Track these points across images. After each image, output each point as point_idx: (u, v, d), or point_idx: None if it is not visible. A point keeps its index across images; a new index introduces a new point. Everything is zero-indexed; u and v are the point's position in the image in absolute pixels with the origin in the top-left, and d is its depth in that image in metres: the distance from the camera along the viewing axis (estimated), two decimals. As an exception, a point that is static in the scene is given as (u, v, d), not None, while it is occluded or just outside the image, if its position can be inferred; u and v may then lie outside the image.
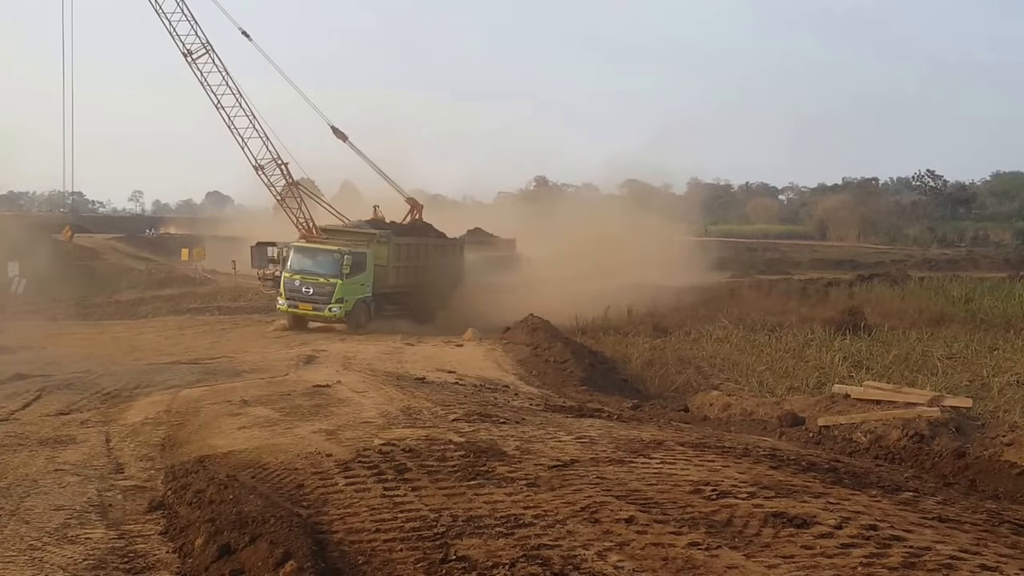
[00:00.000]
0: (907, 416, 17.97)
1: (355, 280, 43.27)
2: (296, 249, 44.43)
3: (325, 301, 42.74)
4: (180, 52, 49.40)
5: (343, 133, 52.08)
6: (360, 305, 43.60)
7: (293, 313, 43.24)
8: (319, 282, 42.82)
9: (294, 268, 43.49)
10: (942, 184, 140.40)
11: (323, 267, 43.17)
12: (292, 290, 43.13)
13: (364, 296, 43.93)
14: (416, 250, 48.55)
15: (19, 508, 11.43)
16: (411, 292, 47.18)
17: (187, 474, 12.65)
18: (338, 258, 42.93)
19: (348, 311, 42.91)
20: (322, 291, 42.83)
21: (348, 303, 42.93)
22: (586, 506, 10.02)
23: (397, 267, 46.32)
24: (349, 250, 43.29)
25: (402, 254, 46.97)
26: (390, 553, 8.88)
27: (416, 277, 47.82)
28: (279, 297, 43.60)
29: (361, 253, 43.96)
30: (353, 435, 14.35)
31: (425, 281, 48.14)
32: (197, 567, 9.16)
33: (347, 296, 42.89)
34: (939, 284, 51.08)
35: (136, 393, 21.69)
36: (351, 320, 42.90)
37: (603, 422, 16.44)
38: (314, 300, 42.82)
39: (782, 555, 8.44)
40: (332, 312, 42.73)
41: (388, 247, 45.61)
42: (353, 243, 44.55)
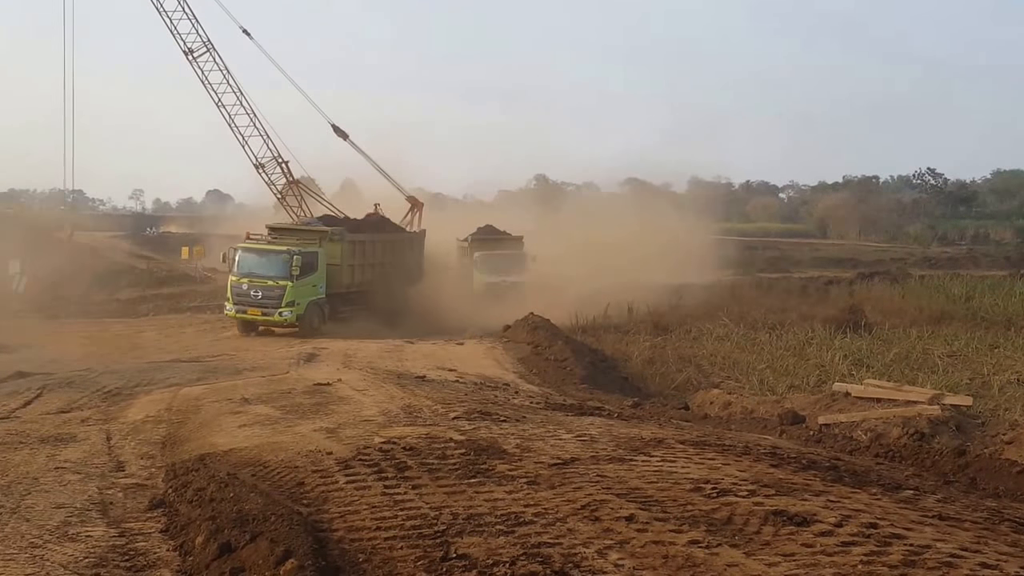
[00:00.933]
0: (907, 414, 17.99)
1: (306, 281, 40.90)
2: (243, 250, 41.82)
3: (275, 305, 40.24)
4: (181, 51, 49.52)
5: (343, 131, 52.19)
6: (313, 308, 41.25)
7: (242, 319, 40.77)
8: (268, 285, 40.31)
9: (241, 271, 40.96)
10: (943, 182, 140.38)
11: (271, 269, 40.71)
12: (240, 294, 40.62)
13: (317, 298, 41.61)
14: (373, 247, 46.26)
15: (20, 506, 11.44)
16: (369, 292, 45.27)
17: (188, 472, 12.67)
18: (287, 259, 40.47)
19: (300, 315, 40.53)
20: (271, 294, 40.32)
21: (300, 306, 40.52)
22: (586, 504, 10.02)
23: (352, 266, 44.37)
24: (299, 250, 40.99)
25: (357, 252, 44.79)
26: (391, 551, 8.88)
27: (373, 275, 45.91)
28: (226, 303, 41.21)
29: (312, 252, 41.71)
30: (353, 433, 14.36)
31: (384, 279, 46.37)
32: (198, 565, 9.17)
33: (298, 299, 40.48)
34: (940, 282, 51.07)
35: (137, 391, 21.71)
36: (304, 324, 40.55)
37: (603, 420, 16.46)
38: (263, 304, 40.30)
39: (782, 553, 8.45)
40: (283, 316, 40.28)
41: (341, 245, 43.47)
42: (304, 242, 42.35)
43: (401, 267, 47.59)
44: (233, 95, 50.05)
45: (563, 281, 50.41)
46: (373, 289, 45.37)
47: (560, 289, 46.58)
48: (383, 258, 46.66)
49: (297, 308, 40.26)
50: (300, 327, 40.37)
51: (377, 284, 45.79)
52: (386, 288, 45.99)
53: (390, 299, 45.69)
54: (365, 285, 45.12)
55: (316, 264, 41.52)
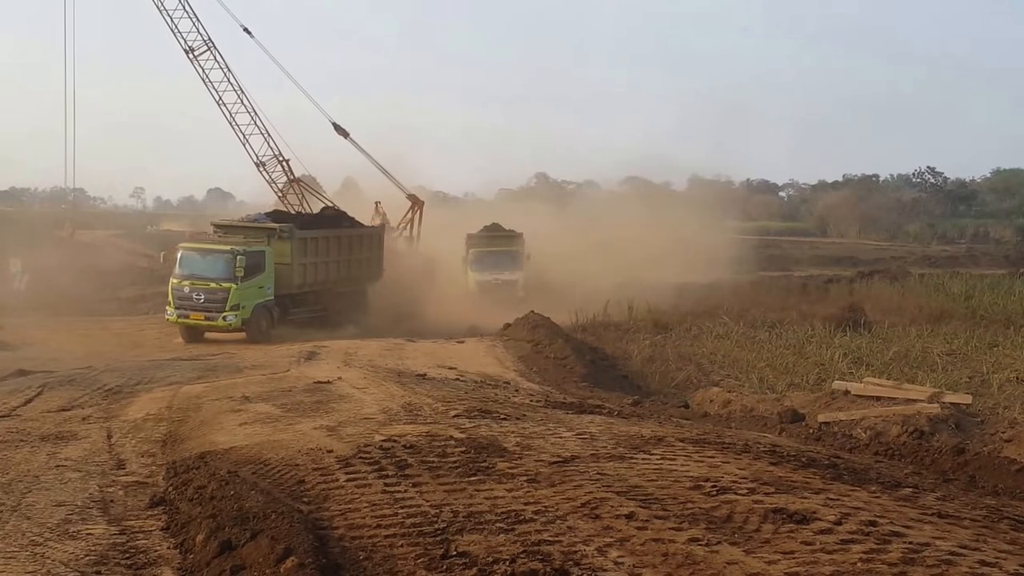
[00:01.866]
0: (907, 412, 18.01)
1: (252, 283, 38.33)
2: (184, 250, 39.65)
3: (219, 309, 37.75)
4: (182, 49, 49.57)
5: (344, 129, 52.25)
6: (260, 311, 38.58)
7: (184, 324, 38.34)
8: (210, 287, 37.77)
9: (182, 272, 38.55)
10: (942, 181, 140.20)
11: (214, 270, 38.18)
12: (181, 298, 38.04)
13: (265, 300, 38.89)
14: (327, 243, 43.47)
15: (21, 504, 11.47)
16: (324, 292, 42.97)
17: (188, 470, 12.68)
18: (230, 259, 37.83)
19: (246, 319, 38.01)
20: (214, 297, 37.80)
21: (245, 309, 37.95)
22: (586, 502, 10.04)
23: (304, 264, 41.69)
24: (243, 249, 38.33)
25: (309, 249, 42.04)
26: (391, 549, 8.91)
27: (328, 274, 43.39)
28: (167, 307, 38.53)
29: (258, 251, 39.07)
30: (354, 431, 14.38)
31: (340, 278, 43.98)
32: (198, 563, 9.19)
33: (244, 302, 37.87)
34: (939, 281, 51.04)
35: (137, 389, 21.75)
36: (250, 329, 38.14)
37: (603, 418, 16.47)
38: (206, 308, 37.78)
39: (782, 551, 8.47)
40: (227, 321, 37.80)
41: (291, 243, 40.75)
42: (250, 240, 39.79)
43: (359, 264, 45.37)
44: (234, 93, 50.17)
45: (564, 279, 50.42)
46: (328, 289, 43.21)
47: (559, 288, 46.42)
48: (339, 255, 44.07)
49: (242, 312, 37.91)
50: (247, 332, 38.20)
51: (333, 283, 43.57)
52: (343, 287, 43.97)
53: (348, 299, 43.81)
54: (319, 285, 42.77)
55: (263, 264, 39.08)
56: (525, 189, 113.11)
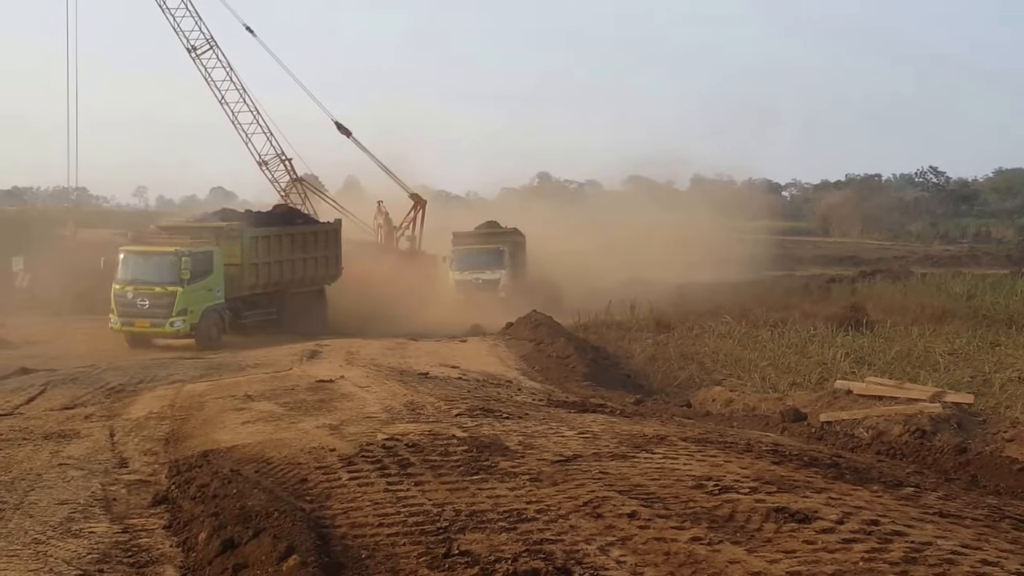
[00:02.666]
0: (909, 412, 18.00)
1: (200, 285, 36.54)
2: (125, 254, 37.44)
3: (165, 314, 35.79)
4: (184, 48, 49.64)
5: (347, 128, 52.33)
6: (210, 316, 36.85)
7: (129, 332, 36.28)
8: (155, 292, 35.87)
9: (125, 278, 36.53)
10: (945, 181, 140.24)
11: (159, 273, 36.23)
12: (125, 304, 36.11)
13: (215, 304, 37.15)
14: (279, 242, 41.44)
15: (23, 502, 11.49)
16: (279, 294, 41.32)
17: (191, 469, 12.71)
18: (175, 260, 35.95)
19: (195, 324, 36.16)
20: (160, 302, 35.88)
21: (194, 314, 36.14)
22: (588, 501, 10.05)
23: (256, 264, 39.95)
24: (188, 250, 36.44)
25: (261, 248, 40.25)
26: (393, 547, 8.92)
27: (283, 275, 41.46)
28: (111, 315, 36.52)
29: (205, 252, 37.22)
30: (356, 430, 14.39)
31: (296, 278, 42.12)
32: (201, 561, 9.19)
33: (192, 306, 36.11)
34: (941, 280, 51.03)
35: (140, 388, 21.77)
36: (200, 335, 36.27)
37: (606, 417, 16.46)
38: (152, 314, 35.87)
39: (784, 550, 8.48)
40: (174, 327, 35.89)
41: (241, 242, 39.19)
42: (196, 241, 37.94)
43: (315, 263, 43.57)
44: (236, 92, 50.34)
45: (567, 279, 50.36)
46: (283, 290, 41.53)
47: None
48: (292, 254, 42.09)
49: (191, 316, 36.11)
50: (196, 338, 36.35)
51: (288, 284, 41.79)
52: (299, 288, 42.33)
53: (305, 300, 42.31)
54: (273, 286, 41.01)
55: (211, 265, 37.27)
56: (528, 188, 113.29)
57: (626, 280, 48.58)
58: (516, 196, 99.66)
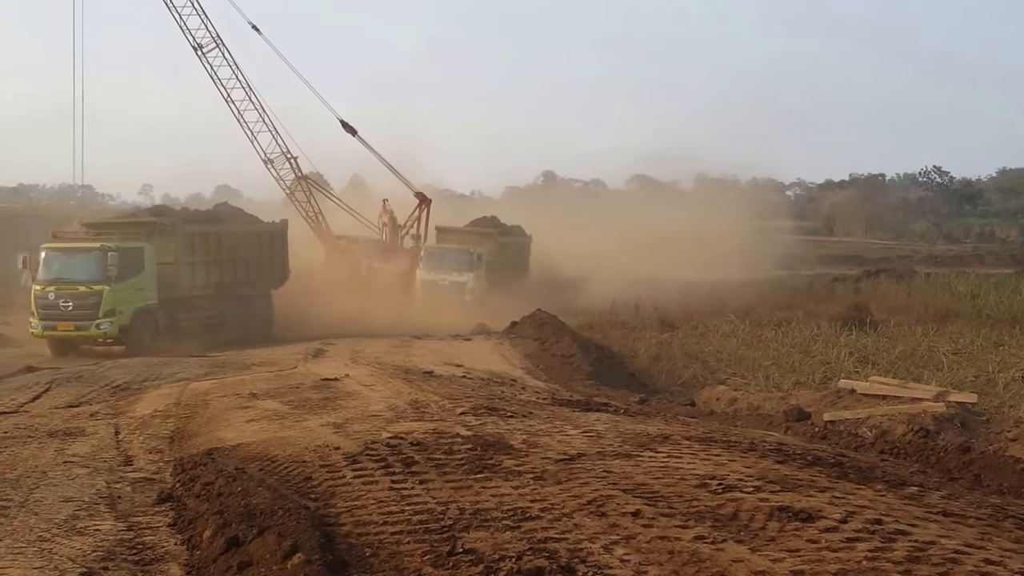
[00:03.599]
0: (913, 411, 18.03)
1: (129, 284, 33.85)
2: (47, 251, 34.79)
3: (91, 316, 33.12)
4: (190, 46, 49.62)
5: (352, 127, 52.23)
6: (141, 318, 34.10)
7: (51, 337, 33.82)
8: (79, 292, 33.16)
9: (47, 277, 33.93)
10: (948, 180, 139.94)
11: (83, 271, 33.55)
12: (46, 307, 33.49)
13: (146, 305, 34.48)
14: (219, 240, 38.88)
15: (28, 500, 11.50)
16: (220, 296, 38.46)
17: (196, 467, 12.73)
18: (101, 256, 33.23)
19: (124, 327, 33.48)
20: (85, 303, 33.18)
21: (123, 315, 33.44)
22: (592, 499, 10.05)
23: (192, 264, 37.22)
24: (115, 245, 33.71)
25: (198, 247, 37.59)
26: (397, 546, 8.92)
27: (224, 276, 38.80)
28: (31, 318, 34.01)
29: (135, 248, 34.52)
30: (361, 428, 14.39)
31: (239, 281, 39.54)
32: (205, 559, 9.21)
33: (120, 306, 33.38)
34: (945, 280, 51.07)
35: (145, 386, 21.81)
36: (130, 339, 33.58)
37: (610, 416, 16.47)
38: (76, 317, 33.17)
39: (787, 549, 8.47)
40: (101, 329, 33.21)
41: (176, 239, 36.51)
42: (126, 236, 35.44)
43: (260, 265, 41.06)
44: (242, 90, 50.19)
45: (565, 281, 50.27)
46: (225, 293, 38.75)
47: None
48: (235, 254, 39.55)
49: (119, 318, 33.44)
50: (126, 343, 33.73)
51: (230, 287, 39.05)
52: (243, 291, 39.65)
53: (249, 304, 39.79)
54: (213, 288, 38.25)
55: (142, 263, 34.62)
56: (533, 187, 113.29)
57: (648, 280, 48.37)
58: (521, 195, 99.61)
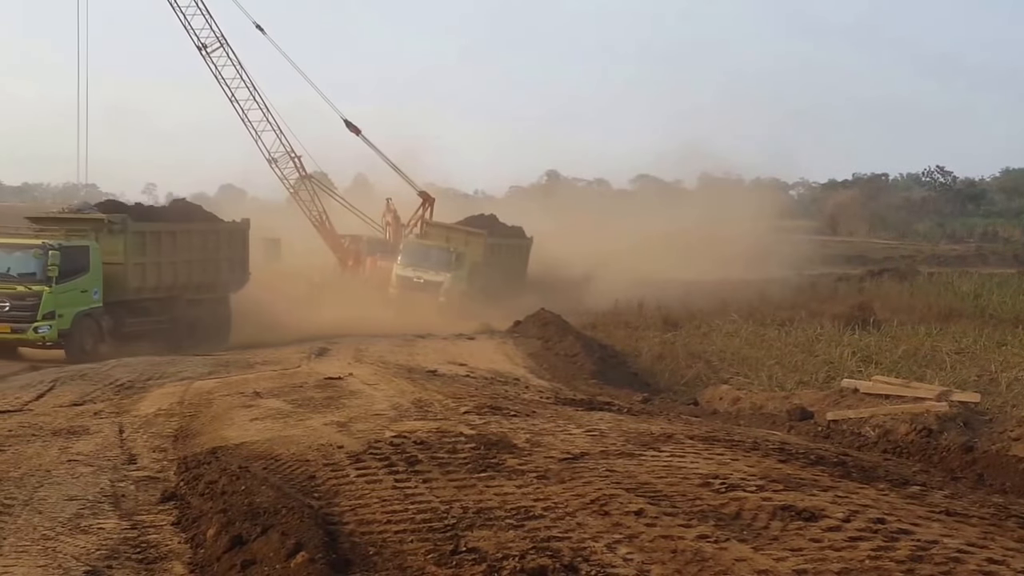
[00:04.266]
0: (915, 411, 18.00)
1: (72, 285, 31.55)
2: None
3: (29, 318, 30.76)
4: (195, 46, 49.69)
5: (356, 126, 52.31)
6: (84, 321, 31.87)
7: None
8: (16, 292, 30.86)
9: None
10: (952, 180, 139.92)
11: (21, 269, 31.26)
12: None
13: (90, 308, 32.16)
14: (172, 240, 35.99)
15: (32, 498, 11.50)
16: (171, 300, 35.82)
17: (199, 465, 12.72)
18: (40, 255, 30.90)
19: (65, 330, 31.17)
20: (23, 304, 30.85)
21: (64, 318, 31.14)
22: (596, 499, 10.07)
23: (142, 264, 34.69)
24: (58, 243, 31.27)
25: (149, 246, 35.00)
26: (401, 544, 8.93)
27: (177, 278, 36.06)
28: None
29: (79, 247, 32.17)
30: (365, 427, 14.40)
31: (193, 284, 36.86)
32: (209, 557, 9.21)
33: (61, 309, 31.11)
34: (948, 279, 51.08)
35: (149, 385, 21.79)
36: (71, 344, 31.35)
37: (613, 415, 16.49)
38: (13, 318, 30.86)
39: (790, 548, 8.49)
40: (40, 333, 30.90)
41: (124, 237, 33.88)
42: (71, 233, 32.92)
43: (218, 267, 38.45)
44: (246, 90, 50.32)
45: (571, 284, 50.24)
46: (177, 296, 36.17)
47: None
48: (190, 255, 36.79)
49: (60, 321, 31.12)
50: (66, 347, 31.43)
51: (183, 290, 36.48)
52: (197, 295, 37.08)
53: (204, 309, 37.31)
54: (164, 291, 35.61)
55: (87, 262, 32.25)
56: (536, 187, 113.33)
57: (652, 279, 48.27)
58: (524, 194, 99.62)
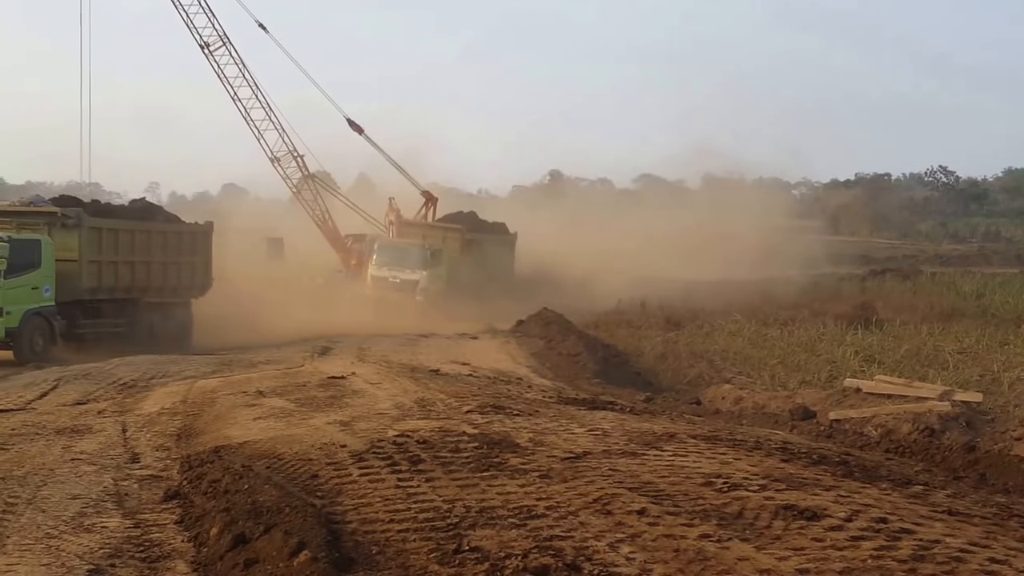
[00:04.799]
0: (918, 410, 17.98)
1: (22, 282, 29.64)
2: None
3: None
4: (197, 44, 49.71)
5: (359, 125, 52.38)
6: (33, 321, 29.99)
7: None
8: None
9: None
10: (954, 180, 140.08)
11: None
12: None
13: (41, 307, 30.26)
14: (131, 239, 34.14)
15: (36, 497, 11.52)
16: (129, 302, 33.99)
17: (203, 464, 12.74)
18: None
19: (13, 329, 29.36)
20: None
21: (12, 316, 29.32)
22: (598, 498, 10.07)
23: (98, 263, 32.90)
24: (8, 235, 29.72)
25: (106, 244, 33.13)
26: (404, 543, 8.93)
27: (135, 279, 34.26)
28: None
29: (30, 241, 30.37)
30: (367, 426, 14.40)
31: (152, 286, 35.08)
32: (212, 556, 9.22)
33: (9, 306, 29.27)
34: (951, 279, 51.11)
35: (152, 383, 21.83)
36: (19, 344, 29.49)
37: (616, 414, 16.49)
38: None
39: (792, 547, 8.49)
40: None
41: (79, 233, 31.87)
42: (22, 227, 31.44)
43: (179, 270, 36.71)
44: (249, 89, 50.35)
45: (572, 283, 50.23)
46: (135, 299, 34.28)
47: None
48: (149, 256, 34.98)
49: (8, 319, 29.32)
50: (14, 348, 29.60)
51: (142, 292, 34.61)
52: (157, 298, 35.21)
53: (163, 313, 35.48)
54: (122, 292, 33.70)
55: (38, 257, 30.33)
56: (539, 186, 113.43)
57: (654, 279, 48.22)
58: (527, 194, 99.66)
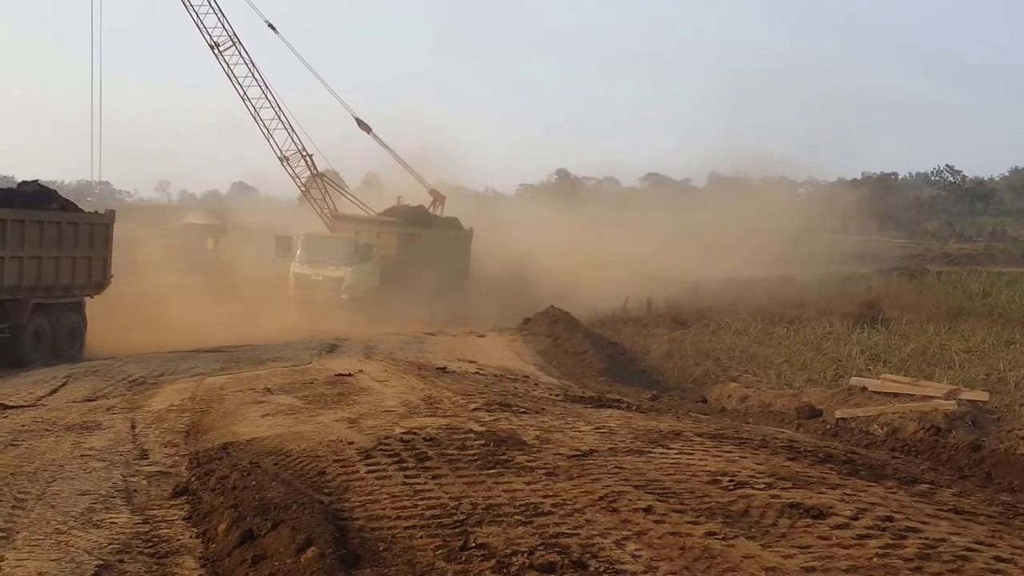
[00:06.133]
0: (924, 409, 18.03)
1: None
2: None
3: None
4: (207, 44, 49.70)
5: (367, 125, 52.36)
6: None
7: None
8: None
9: None
10: (961, 179, 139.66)
11: None
12: None
13: None
14: (20, 230, 28.62)
15: (45, 493, 11.56)
16: (12, 304, 28.46)
17: (211, 460, 12.77)
18: None
19: None
20: None
21: None
22: (604, 495, 10.08)
23: None
24: None
25: None
26: (410, 540, 8.95)
27: (23, 278, 28.73)
28: None
29: None
30: (375, 423, 14.43)
31: (40, 284, 29.41)
32: (220, 552, 9.27)
33: None
34: (957, 278, 51.12)
35: (161, 380, 21.90)
36: None
37: (622, 412, 16.50)
38: None
39: (798, 545, 8.51)
40: None
41: None
42: None
43: (72, 266, 31.17)
44: (258, 88, 50.27)
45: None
46: (19, 300, 28.81)
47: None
48: (40, 250, 29.59)
49: None
50: None
51: (29, 291, 29.12)
52: (46, 298, 29.82)
53: (53, 315, 30.26)
54: (7, 293, 28.23)
55: None
56: (546, 185, 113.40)
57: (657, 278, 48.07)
58: (534, 193, 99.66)
